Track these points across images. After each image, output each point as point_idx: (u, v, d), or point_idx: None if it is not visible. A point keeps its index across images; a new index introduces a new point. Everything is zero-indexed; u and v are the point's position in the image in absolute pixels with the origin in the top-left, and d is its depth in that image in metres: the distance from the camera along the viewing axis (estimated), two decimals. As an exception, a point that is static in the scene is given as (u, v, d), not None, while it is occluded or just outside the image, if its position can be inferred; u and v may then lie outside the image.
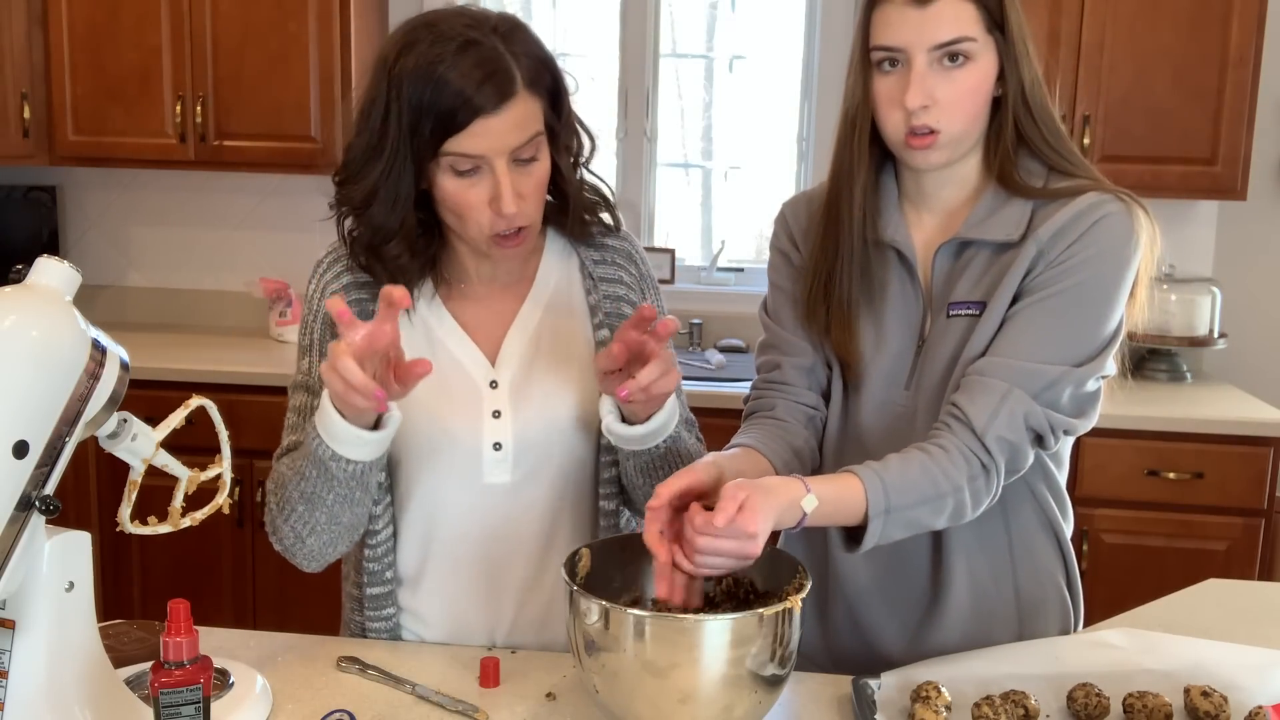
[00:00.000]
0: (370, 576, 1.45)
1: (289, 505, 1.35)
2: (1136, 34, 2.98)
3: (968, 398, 1.31)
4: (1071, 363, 1.32)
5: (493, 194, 1.30)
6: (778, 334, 1.51)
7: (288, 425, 1.46)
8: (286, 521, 1.36)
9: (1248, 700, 1.26)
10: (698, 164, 3.80)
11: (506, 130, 1.28)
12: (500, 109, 1.27)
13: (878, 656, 1.47)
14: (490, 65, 1.27)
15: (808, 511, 1.20)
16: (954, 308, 1.38)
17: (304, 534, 1.36)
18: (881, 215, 1.43)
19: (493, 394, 1.43)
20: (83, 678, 1.13)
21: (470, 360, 1.44)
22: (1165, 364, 3.28)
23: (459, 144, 1.28)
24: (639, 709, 1.14)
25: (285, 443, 1.44)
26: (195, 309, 3.71)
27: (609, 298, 1.49)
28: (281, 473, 1.38)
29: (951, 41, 1.29)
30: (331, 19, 3.17)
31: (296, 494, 1.34)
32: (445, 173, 1.31)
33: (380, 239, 1.37)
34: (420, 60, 1.27)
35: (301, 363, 1.46)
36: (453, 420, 1.42)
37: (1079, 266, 1.32)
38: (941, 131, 1.32)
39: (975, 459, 1.29)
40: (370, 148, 1.32)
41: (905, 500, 1.25)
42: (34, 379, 1.04)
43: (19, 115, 3.24)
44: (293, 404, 1.46)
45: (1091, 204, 1.33)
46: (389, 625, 1.47)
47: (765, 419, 1.47)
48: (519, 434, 1.42)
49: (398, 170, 1.31)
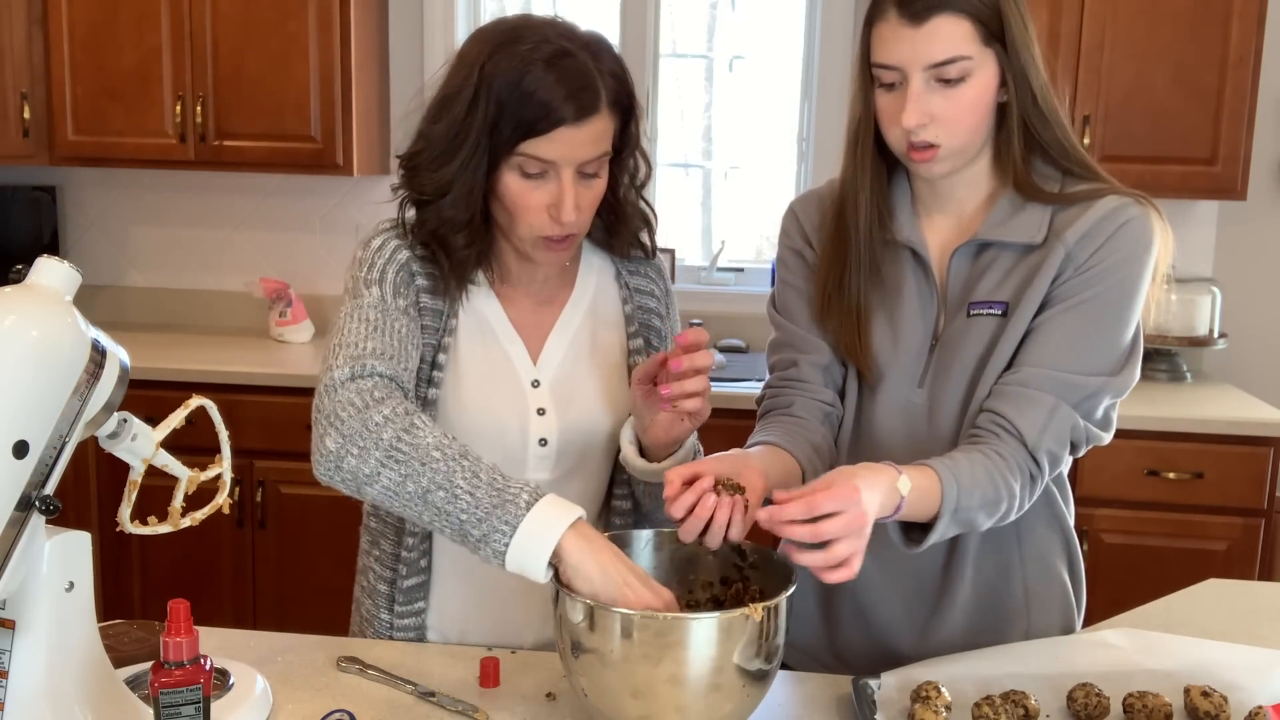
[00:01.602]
0: (408, 567, 1.47)
1: (406, 460, 1.22)
2: (1136, 34, 2.98)
3: (1016, 410, 1.32)
4: (1107, 372, 1.34)
5: (553, 200, 1.34)
6: (792, 332, 1.51)
7: (357, 333, 1.34)
8: (387, 463, 1.22)
9: (1248, 700, 1.26)
10: (698, 164, 3.80)
11: (582, 143, 1.32)
12: (581, 122, 1.31)
13: (885, 653, 1.47)
14: (580, 80, 1.31)
15: (904, 495, 1.20)
16: (975, 307, 1.39)
17: (383, 482, 1.23)
18: (895, 217, 1.44)
19: (535, 392, 1.46)
20: (83, 678, 1.13)
21: (517, 357, 1.47)
22: (1165, 364, 3.28)
23: (536, 147, 1.31)
24: (628, 708, 1.14)
25: (367, 346, 1.32)
26: (195, 309, 3.71)
27: (641, 309, 1.54)
28: (419, 427, 1.24)
29: (946, 61, 1.29)
30: (331, 19, 3.17)
31: (425, 480, 1.21)
32: (513, 171, 1.34)
33: (449, 229, 1.39)
34: (515, 61, 1.30)
35: (368, 292, 1.38)
36: (504, 412, 1.44)
37: (1106, 272, 1.33)
38: (942, 146, 1.33)
39: (1026, 470, 1.31)
40: (451, 138, 1.34)
41: (971, 501, 1.26)
42: (34, 379, 1.04)
43: (19, 115, 3.24)
44: (361, 317, 1.36)
45: (1115, 208, 1.34)
46: (417, 623, 1.48)
47: (783, 416, 1.47)
48: (563, 432, 1.46)
49: (475, 163, 1.34)
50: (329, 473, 1.26)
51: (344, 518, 2.13)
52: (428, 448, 1.23)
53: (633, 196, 1.48)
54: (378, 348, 1.33)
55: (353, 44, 3.21)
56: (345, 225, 3.60)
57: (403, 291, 1.40)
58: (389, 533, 1.49)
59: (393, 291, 1.39)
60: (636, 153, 1.45)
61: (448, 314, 1.43)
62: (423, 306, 1.41)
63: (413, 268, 1.41)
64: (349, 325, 1.36)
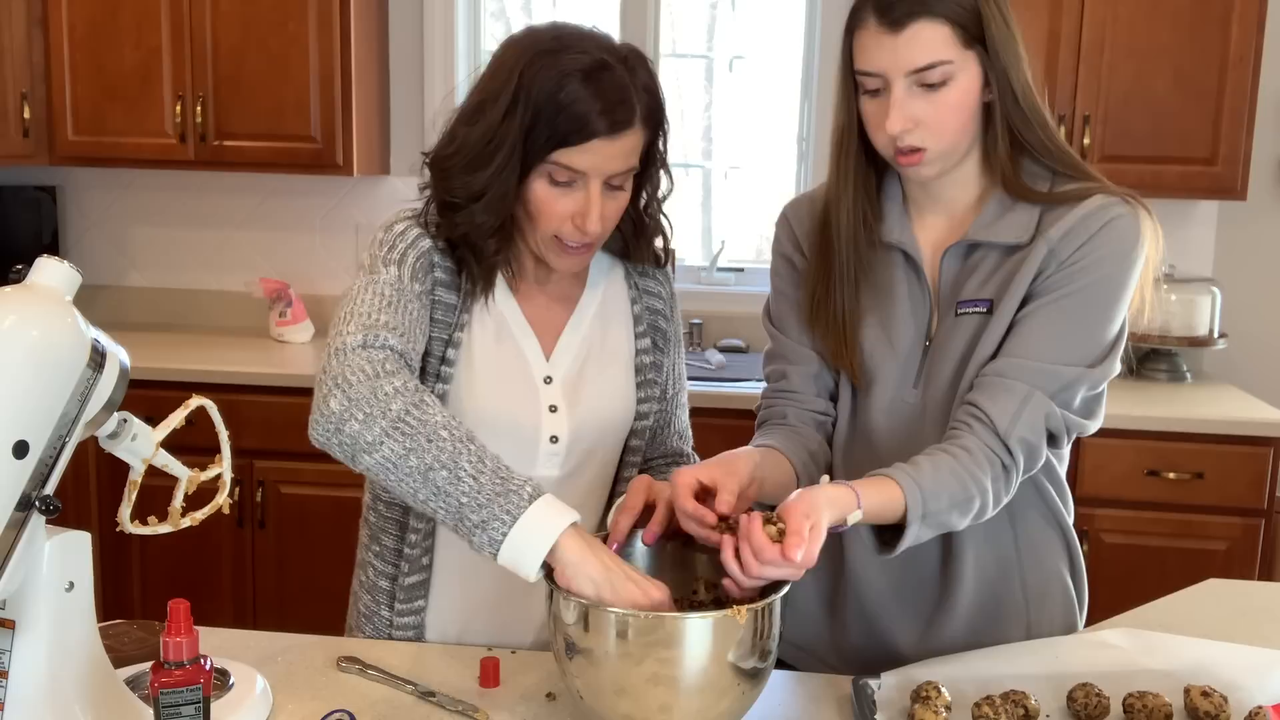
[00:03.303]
0: (410, 563, 1.47)
1: (412, 434, 1.21)
2: (1136, 34, 2.98)
3: (989, 398, 1.32)
4: (1085, 363, 1.34)
5: (579, 209, 1.35)
6: (783, 343, 1.52)
7: (371, 305, 1.33)
8: (393, 434, 1.20)
9: (1248, 700, 1.26)
10: (698, 164, 3.80)
11: (614, 156, 1.34)
12: (615, 136, 1.32)
13: (888, 653, 1.47)
14: (617, 94, 1.32)
15: (851, 524, 1.22)
16: (962, 306, 1.39)
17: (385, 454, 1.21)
18: (885, 219, 1.44)
19: (547, 389, 1.47)
20: (83, 678, 1.13)
21: (531, 353, 1.47)
22: (1165, 364, 3.28)
23: (568, 157, 1.32)
24: (624, 708, 1.14)
25: (381, 318, 1.32)
26: (195, 309, 3.71)
27: (650, 310, 1.56)
28: (429, 404, 1.23)
29: (927, 66, 1.29)
30: (331, 19, 3.17)
31: (430, 458, 1.19)
32: (542, 178, 1.35)
33: (479, 234, 1.39)
34: (554, 71, 1.31)
35: (385, 270, 1.37)
36: (517, 408, 1.45)
37: (1089, 268, 1.33)
38: (928, 149, 1.33)
39: (998, 460, 1.30)
40: (486, 142, 1.34)
41: (938, 504, 1.26)
42: (34, 379, 1.04)
43: (19, 115, 3.24)
44: (376, 290, 1.35)
45: (1100, 206, 1.35)
46: (417, 621, 1.48)
47: (778, 426, 1.49)
48: (574, 430, 1.47)
49: (509, 170, 1.34)
50: (327, 434, 1.24)
51: (344, 518, 2.13)
52: (436, 425, 1.21)
53: (654, 210, 1.50)
54: (391, 321, 1.32)
55: (353, 44, 3.21)
56: (345, 225, 3.60)
57: (420, 277, 1.40)
58: (391, 528, 1.49)
59: (410, 275, 1.39)
60: (663, 168, 1.46)
61: (461, 309, 1.43)
62: (437, 298, 1.42)
63: (434, 258, 1.42)
64: (363, 296, 1.35)
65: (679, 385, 1.62)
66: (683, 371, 1.63)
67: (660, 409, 1.58)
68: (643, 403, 1.53)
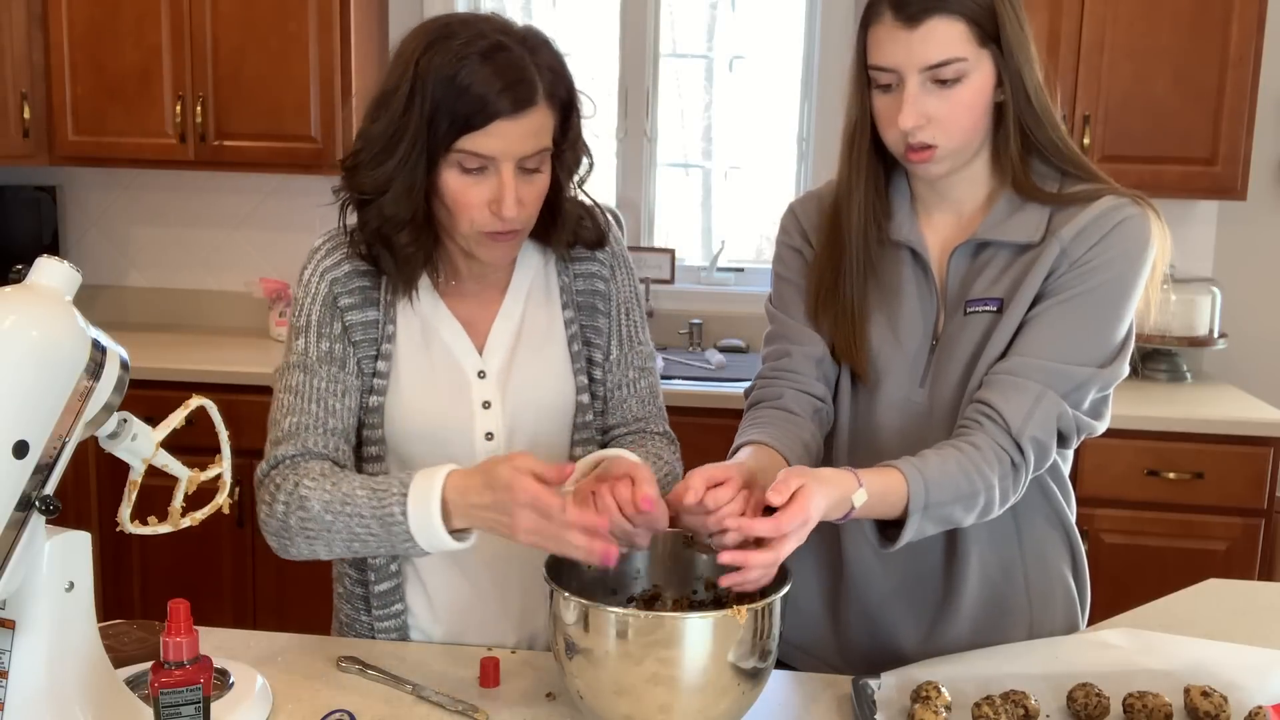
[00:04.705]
0: (376, 573, 1.46)
1: (316, 533, 1.33)
2: (1136, 34, 2.98)
3: (1001, 397, 1.32)
4: (1096, 364, 1.34)
5: (494, 195, 1.33)
6: (787, 324, 1.51)
7: (283, 407, 1.41)
8: (307, 541, 1.34)
9: (1248, 700, 1.26)
10: (698, 164, 3.80)
11: (521, 137, 1.31)
12: (518, 115, 1.30)
13: (891, 653, 1.47)
14: (515, 73, 1.29)
15: (856, 506, 1.21)
16: (971, 304, 1.39)
17: (320, 553, 1.36)
18: (894, 217, 1.44)
19: (481, 384, 1.45)
20: (83, 678, 1.13)
21: (462, 352, 1.46)
22: (1165, 364, 3.28)
23: (472, 143, 1.30)
24: (624, 708, 1.14)
25: (285, 426, 1.40)
26: (195, 309, 3.71)
27: (580, 275, 1.52)
28: (307, 498, 1.33)
29: (941, 63, 1.30)
30: (331, 19, 3.17)
31: (340, 538, 1.32)
32: (451, 168, 1.33)
33: (391, 228, 1.38)
34: (449, 56, 1.29)
35: (296, 344, 1.43)
36: (447, 412, 1.44)
37: (1101, 268, 1.33)
38: (939, 146, 1.33)
39: (1007, 457, 1.31)
40: (389, 135, 1.33)
41: (942, 497, 1.26)
42: (34, 379, 1.04)
43: (19, 115, 3.24)
44: (286, 384, 1.43)
45: (1112, 206, 1.35)
46: (398, 624, 1.48)
47: (771, 409, 1.46)
48: (508, 423, 1.45)
49: (414, 160, 1.33)
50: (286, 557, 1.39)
51: (344, 518, 2.12)
52: (320, 515, 1.32)
53: (570, 192, 1.46)
54: (295, 424, 1.39)
55: (353, 44, 3.21)
56: (345, 225, 3.60)
57: (326, 332, 1.41)
58: None
59: (317, 335, 1.42)
60: (580, 148, 1.43)
61: (384, 321, 1.43)
62: (350, 326, 1.42)
63: (342, 287, 1.42)
64: (278, 397, 1.43)
65: (629, 349, 1.54)
66: (640, 339, 1.55)
67: (605, 377, 1.52)
68: (580, 374, 1.49)
